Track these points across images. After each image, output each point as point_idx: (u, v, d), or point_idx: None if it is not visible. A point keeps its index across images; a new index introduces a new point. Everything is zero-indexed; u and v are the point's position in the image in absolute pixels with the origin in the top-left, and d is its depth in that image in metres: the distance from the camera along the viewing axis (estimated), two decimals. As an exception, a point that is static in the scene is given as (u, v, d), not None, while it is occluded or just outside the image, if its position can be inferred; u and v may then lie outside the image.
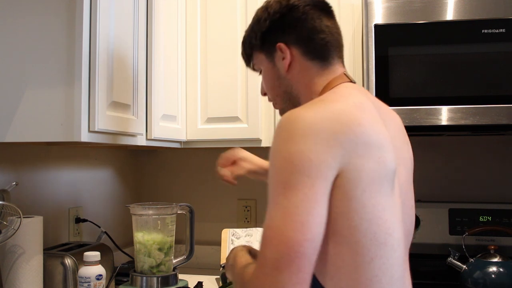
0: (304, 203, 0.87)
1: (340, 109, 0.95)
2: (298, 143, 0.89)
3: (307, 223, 0.87)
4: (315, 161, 0.88)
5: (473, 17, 1.67)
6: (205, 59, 2.01)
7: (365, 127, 0.95)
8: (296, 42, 1.11)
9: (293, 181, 0.88)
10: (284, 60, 1.12)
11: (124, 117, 1.52)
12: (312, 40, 1.11)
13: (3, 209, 1.39)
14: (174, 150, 2.35)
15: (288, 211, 0.87)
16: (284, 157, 0.90)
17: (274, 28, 1.13)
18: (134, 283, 1.74)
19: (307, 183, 0.88)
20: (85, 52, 1.33)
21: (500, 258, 1.73)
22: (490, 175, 2.07)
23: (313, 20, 1.11)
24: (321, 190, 0.89)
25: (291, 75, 1.13)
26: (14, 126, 1.35)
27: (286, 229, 0.86)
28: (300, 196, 0.87)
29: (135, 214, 1.78)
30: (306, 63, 1.11)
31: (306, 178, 0.88)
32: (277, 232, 0.87)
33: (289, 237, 0.86)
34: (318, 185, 0.89)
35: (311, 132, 0.90)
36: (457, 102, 1.67)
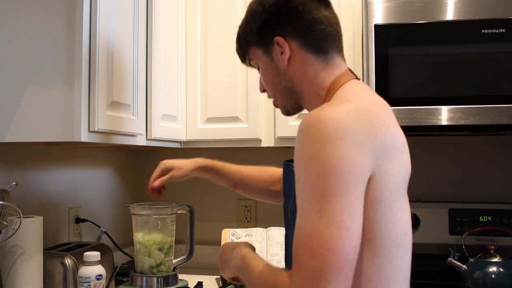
0: (348, 209, 0.85)
1: (368, 110, 0.93)
2: (337, 146, 0.86)
3: (352, 230, 0.85)
4: (356, 165, 0.86)
5: (473, 17, 1.67)
6: (205, 59, 2.01)
7: (391, 129, 0.94)
8: (295, 34, 1.06)
9: (336, 186, 0.85)
10: (283, 55, 1.07)
11: (124, 117, 1.52)
12: (311, 31, 1.06)
13: (3, 209, 1.39)
14: (174, 150, 2.35)
15: (333, 218, 0.84)
16: (323, 161, 0.86)
17: (271, 21, 1.08)
18: (134, 283, 1.74)
19: (350, 188, 0.86)
20: (85, 52, 1.33)
21: (500, 258, 1.73)
22: (490, 175, 2.07)
23: (311, 11, 1.06)
24: (361, 195, 0.88)
25: (292, 69, 1.08)
26: (14, 126, 1.35)
27: (333, 237, 0.83)
28: (345, 202, 0.85)
29: (135, 214, 1.78)
30: (307, 56, 1.06)
31: (349, 183, 0.85)
32: (324, 241, 0.83)
33: (337, 245, 0.83)
34: (359, 189, 0.87)
35: (348, 134, 0.87)
36: (457, 102, 1.67)
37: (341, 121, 0.88)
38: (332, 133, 0.86)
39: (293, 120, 1.90)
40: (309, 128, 0.89)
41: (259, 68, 1.16)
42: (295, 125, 1.90)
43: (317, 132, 0.87)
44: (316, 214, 0.84)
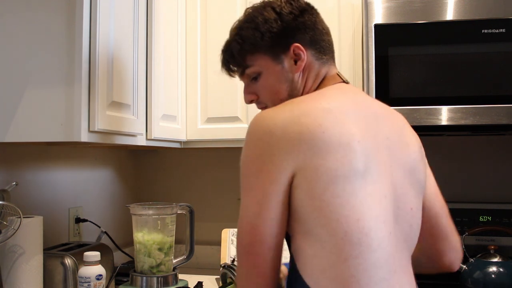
0: (254, 206, 0.94)
1: (303, 110, 0.97)
2: (253, 147, 0.96)
3: (257, 226, 0.94)
4: (267, 164, 0.93)
5: (473, 17, 1.67)
6: (205, 59, 2.01)
7: (326, 127, 0.94)
8: (310, 43, 1.11)
9: (247, 184, 0.95)
10: (299, 62, 1.10)
11: (124, 117, 1.52)
12: (321, 41, 1.12)
13: (3, 209, 1.39)
14: (174, 150, 2.35)
15: (243, 214, 0.95)
16: (242, 160, 0.97)
17: (289, 29, 1.10)
18: (134, 283, 1.74)
19: (258, 187, 0.94)
20: (85, 52, 1.33)
21: (500, 258, 1.73)
22: (490, 175, 2.07)
23: (320, 22, 1.13)
24: (273, 194, 0.94)
25: (302, 77, 1.12)
26: (14, 126, 1.35)
27: (241, 230, 0.95)
28: (251, 199, 0.94)
29: (135, 214, 1.78)
30: (314, 63, 1.12)
31: (257, 181, 0.94)
32: (238, 232, 0.96)
33: (242, 238, 0.95)
34: (269, 189, 0.94)
35: (267, 135, 0.94)
36: (457, 102, 1.67)
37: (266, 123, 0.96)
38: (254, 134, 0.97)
39: (293, 120, 1.90)
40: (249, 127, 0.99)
41: (257, 76, 1.15)
42: (295, 125, 1.92)
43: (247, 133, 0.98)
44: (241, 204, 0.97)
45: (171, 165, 2.40)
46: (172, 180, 2.40)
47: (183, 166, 2.39)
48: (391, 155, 1.02)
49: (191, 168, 2.39)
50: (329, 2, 1.90)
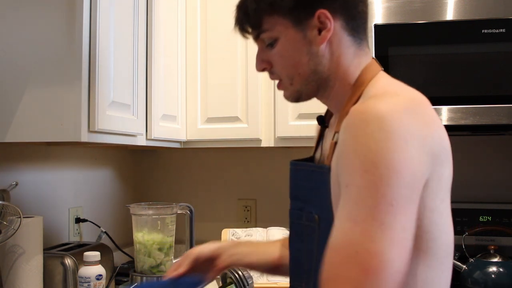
0: (411, 225, 0.74)
1: (421, 106, 0.83)
2: (401, 149, 0.74)
3: (409, 249, 0.74)
4: (418, 172, 0.76)
5: (473, 17, 1.67)
6: (205, 59, 2.01)
7: (442, 129, 0.84)
8: (341, 11, 0.92)
9: (402, 197, 0.73)
10: (324, 32, 0.91)
11: (124, 117, 1.52)
12: (356, 11, 0.93)
13: (3, 209, 1.39)
14: (174, 150, 2.35)
15: (397, 235, 0.72)
16: (387, 164, 0.73)
17: None
18: (134, 283, 1.74)
19: (413, 200, 0.75)
20: (85, 52, 1.33)
21: (500, 258, 1.72)
22: (490, 175, 2.07)
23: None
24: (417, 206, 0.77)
25: (328, 51, 0.93)
26: (14, 126, 1.35)
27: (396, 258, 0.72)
28: (409, 216, 0.74)
29: (135, 214, 1.78)
30: (346, 39, 0.93)
31: (413, 194, 0.75)
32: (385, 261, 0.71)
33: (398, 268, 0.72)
34: (418, 199, 0.77)
35: (409, 135, 0.75)
36: (457, 102, 1.67)
37: (400, 119, 0.76)
38: (394, 132, 0.74)
39: (293, 120, 1.90)
40: (367, 125, 0.76)
41: (273, 42, 0.96)
42: (295, 125, 1.92)
43: (378, 130, 0.75)
44: (378, 227, 0.72)
45: (171, 165, 2.40)
46: (172, 180, 2.40)
47: (183, 166, 2.39)
48: None
49: (191, 168, 2.39)
50: None
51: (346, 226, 0.75)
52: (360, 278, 0.71)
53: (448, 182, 0.85)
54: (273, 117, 1.94)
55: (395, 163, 0.73)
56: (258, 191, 2.29)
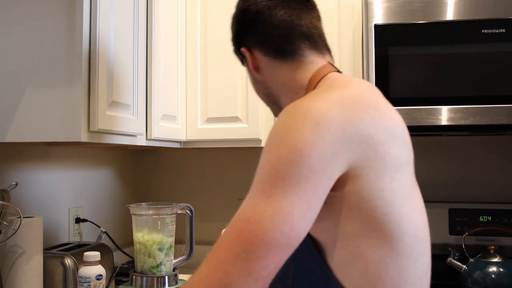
0: (302, 203, 0.75)
1: (352, 93, 0.85)
2: (307, 133, 0.77)
3: (297, 227, 0.74)
4: (326, 155, 0.76)
5: (473, 17, 1.67)
6: (205, 59, 2.01)
7: (383, 111, 0.86)
8: (255, 43, 1.04)
9: (296, 174, 0.75)
10: (249, 64, 1.06)
11: (124, 117, 1.52)
12: (267, 38, 1.02)
13: (3, 209, 1.39)
14: (174, 150, 2.35)
15: (281, 209, 0.73)
16: (289, 146, 0.76)
17: (237, 32, 1.09)
18: (134, 283, 1.74)
19: (312, 181, 0.75)
20: (85, 52, 1.33)
21: (500, 258, 1.72)
22: (490, 175, 2.07)
23: (266, 18, 1.02)
24: (322, 189, 0.77)
25: (264, 77, 1.05)
26: (14, 126, 1.35)
27: (273, 229, 0.73)
28: (301, 193, 0.75)
29: (135, 214, 1.78)
30: (272, 62, 1.03)
31: (313, 174, 0.75)
32: (261, 229, 0.73)
33: (272, 239, 0.73)
34: (322, 184, 0.77)
35: (322, 121, 0.78)
36: (457, 102, 1.67)
37: (317, 108, 0.80)
38: (305, 120, 0.78)
39: (293, 120, 1.90)
40: (284, 114, 0.82)
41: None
42: (295, 125, 1.92)
43: (291, 118, 0.80)
44: (264, 199, 0.75)
45: (171, 165, 2.40)
46: (172, 180, 2.40)
47: (183, 166, 2.39)
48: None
49: (191, 168, 2.39)
50: (329, 3, 1.90)
51: (244, 202, 0.79)
52: (232, 243, 0.74)
53: (399, 161, 0.84)
54: (273, 117, 1.94)
55: (296, 143, 0.76)
56: (258, 191, 2.29)
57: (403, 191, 0.83)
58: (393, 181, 0.82)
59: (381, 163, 0.81)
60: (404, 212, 0.82)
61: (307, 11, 1.03)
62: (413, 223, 0.83)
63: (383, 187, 0.81)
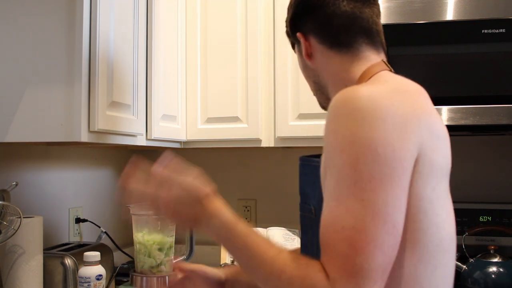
0: (394, 201, 0.75)
1: (409, 92, 0.86)
2: (377, 128, 0.76)
3: (397, 225, 0.76)
4: (399, 151, 0.77)
5: (473, 17, 1.67)
6: (205, 59, 2.01)
7: (433, 116, 0.86)
8: (312, 30, 1.03)
9: (380, 173, 0.75)
10: (303, 50, 1.04)
11: (124, 117, 1.52)
12: (326, 27, 1.01)
13: (3, 209, 1.39)
14: (174, 150, 2.35)
15: (379, 210, 0.74)
16: (363, 143, 0.76)
17: (296, 16, 1.06)
18: (134, 283, 1.74)
19: (395, 177, 0.75)
20: (85, 52, 1.33)
21: (500, 258, 1.72)
22: (490, 175, 2.07)
23: (328, 6, 1.00)
24: (407, 186, 0.78)
25: (315, 64, 1.04)
26: (14, 126, 1.35)
27: (380, 232, 0.73)
28: (390, 192, 0.75)
29: (135, 214, 1.78)
30: (326, 51, 1.02)
31: (394, 171, 0.75)
32: (370, 236, 0.73)
33: (384, 242, 0.74)
34: (404, 179, 0.77)
35: (389, 115, 0.77)
36: (457, 102, 1.67)
37: (380, 100, 0.79)
38: (371, 112, 0.77)
39: (293, 120, 1.90)
40: (344, 106, 0.79)
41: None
42: (295, 125, 1.92)
43: (355, 110, 0.78)
44: (359, 203, 0.74)
45: (171, 165, 2.40)
46: (172, 180, 2.39)
47: (183, 166, 2.39)
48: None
49: (191, 168, 2.38)
50: None
51: (331, 205, 0.77)
52: (349, 252, 0.73)
53: (442, 171, 0.85)
54: (273, 117, 1.94)
55: (370, 142, 0.76)
56: (258, 191, 2.29)
57: (439, 202, 0.84)
58: (433, 191, 0.82)
59: (428, 170, 0.81)
60: (434, 223, 0.83)
61: (369, 5, 1.02)
62: (440, 234, 0.84)
63: (424, 196, 0.81)
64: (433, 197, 0.82)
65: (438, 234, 0.83)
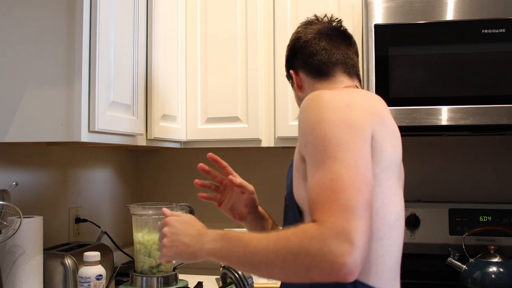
0: (362, 158, 0.92)
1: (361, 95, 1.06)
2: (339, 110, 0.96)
3: (369, 177, 0.91)
4: (357, 124, 0.95)
5: (473, 17, 1.67)
6: (205, 59, 2.01)
7: (385, 114, 1.04)
8: (300, 66, 1.26)
9: (346, 139, 0.92)
10: (296, 84, 1.27)
11: (124, 117, 1.52)
12: (311, 62, 1.24)
13: (3, 209, 1.39)
14: (174, 150, 2.35)
15: (349, 164, 0.90)
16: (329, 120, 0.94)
17: (288, 58, 1.31)
18: (134, 283, 1.74)
19: (357, 141, 0.93)
20: (85, 52, 1.33)
21: (500, 258, 1.73)
22: (490, 175, 2.07)
23: (311, 46, 1.24)
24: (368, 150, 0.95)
25: (304, 94, 1.21)
26: (14, 126, 1.35)
27: (355, 178, 0.88)
28: (356, 152, 0.92)
29: (135, 214, 1.78)
30: (311, 81, 1.24)
31: (357, 136, 0.93)
32: (348, 181, 0.88)
33: (360, 186, 0.88)
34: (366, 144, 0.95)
35: (347, 104, 0.98)
36: (457, 102, 1.67)
37: (340, 95, 1.01)
38: (332, 102, 0.98)
39: (293, 120, 1.90)
40: (311, 101, 1.00)
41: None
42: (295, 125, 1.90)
43: (320, 101, 0.98)
44: (333, 162, 0.90)
45: (171, 165, 2.40)
46: (172, 180, 2.40)
47: (183, 166, 2.39)
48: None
49: (191, 168, 2.38)
50: (329, 3, 1.90)
51: (312, 173, 0.94)
52: (332, 196, 0.87)
53: (392, 161, 1.01)
54: (273, 117, 1.94)
55: (334, 119, 0.95)
56: (258, 191, 2.29)
57: (386, 183, 0.99)
58: (381, 172, 0.98)
59: (378, 154, 0.98)
60: (380, 198, 0.98)
61: (346, 45, 1.26)
62: (385, 209, 0.98)
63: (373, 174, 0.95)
64: (381, 177, 0.98)
65: (382, 209, 0.98)
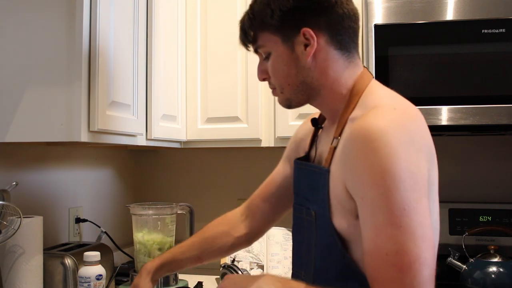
0: (425, 219, 0.84)
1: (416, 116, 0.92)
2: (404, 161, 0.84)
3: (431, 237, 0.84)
4: (420, 175, 0.86)
5: (473, 17, 1.67)
6: (205, 59, 2.01)
7: (430, 137, 0.93)
8: (325, 28, 0.99)
9: (411, 200, 0.83)
10: (309, 48, 0.99)
11: (124, 117, 1.52)
12: (341, 27, 0.99)
13: (3, 209, 1.39)
14: (174, 150, 2.35)
15: (416, 232, 0.82)
16: (394, 176, 0.83)
17: (301, 9, 0.98)
18: (134, 283, 1.74)
19: (422, 198, 0.84)
20: (85, 52, 1.33)
21: (500, 258, 1.72)
22: (490, 175, 2.07)
23: (343, 4, 0.99)
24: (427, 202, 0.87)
25: (315, 65, 1.00)
26: (14, 126, 1.35)
27: (421, 250, 0.81)
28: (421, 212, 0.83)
29: (135, 214, 1.78)
30: (332, 52, 1.00)
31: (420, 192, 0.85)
32: (413, 255, 0.81)
33: (426, 258, 0.82)
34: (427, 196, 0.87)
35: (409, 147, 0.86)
36: (457, 102, 1.67)
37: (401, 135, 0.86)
38: (397, 147, 0.84)
39: (293, 120, 1.90)
40: (372, 141, 0.85)
41: (268, 56, 1.05)
42: (295, 125, 1.90)
43: (383, 146, 0.84)
44: (397, 229, 0.82)
45: (171, 165, 2.40)
46: (172, 180, 2.40)
47: (183, 166, 2.39)
48: None
49: (191, 168, 2.39)
50: (329, 2, 1.90)
51: (371, 234, 0.85)
52: (397, 275, 0.81)
53: (435, 185, 0.94)
54: (273, 117, 1.94)
55: (398, 173, 0.83)
56: (258, 191, 2.29)
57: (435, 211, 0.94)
58: (433, 202, 0.92)
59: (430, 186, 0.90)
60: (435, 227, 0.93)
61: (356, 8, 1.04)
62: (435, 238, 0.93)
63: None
64: (432, 208, 0.91)
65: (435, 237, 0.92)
